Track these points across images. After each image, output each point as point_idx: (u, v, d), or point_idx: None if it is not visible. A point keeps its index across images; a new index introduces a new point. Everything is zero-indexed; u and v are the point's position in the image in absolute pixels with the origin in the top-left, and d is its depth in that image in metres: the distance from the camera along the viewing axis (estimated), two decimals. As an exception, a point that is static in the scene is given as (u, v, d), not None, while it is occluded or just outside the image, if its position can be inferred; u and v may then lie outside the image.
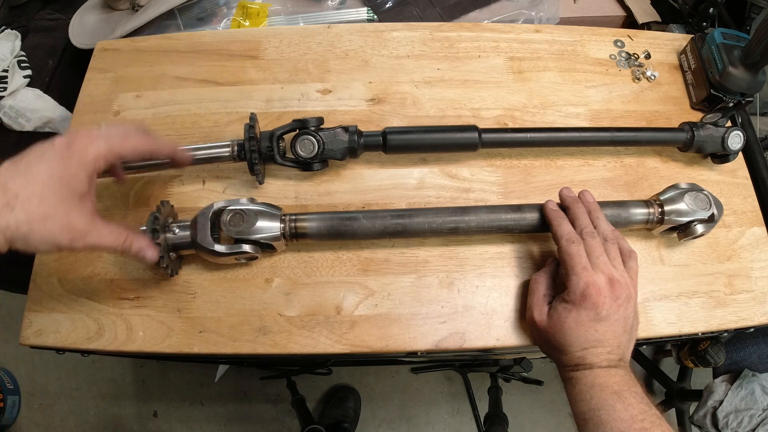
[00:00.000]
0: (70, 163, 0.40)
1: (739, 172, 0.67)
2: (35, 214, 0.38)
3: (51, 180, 0.39)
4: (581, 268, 0.47)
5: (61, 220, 0.39)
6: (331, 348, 0.54)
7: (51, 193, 0.39)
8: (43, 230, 0.39)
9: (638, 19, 0.89)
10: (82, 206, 0.41)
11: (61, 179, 0.39)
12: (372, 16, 0.85)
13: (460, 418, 1.44)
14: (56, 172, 0.39)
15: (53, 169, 0.39)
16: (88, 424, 1.44)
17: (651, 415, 0.42)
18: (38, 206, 0.38)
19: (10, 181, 0.38)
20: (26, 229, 0.38)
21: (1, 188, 0.37)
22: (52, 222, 0.39)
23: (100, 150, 0.41)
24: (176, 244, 0.53)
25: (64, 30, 0.86)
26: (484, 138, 0.60)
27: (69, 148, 0.40)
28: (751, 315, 0.58)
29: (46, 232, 0.39)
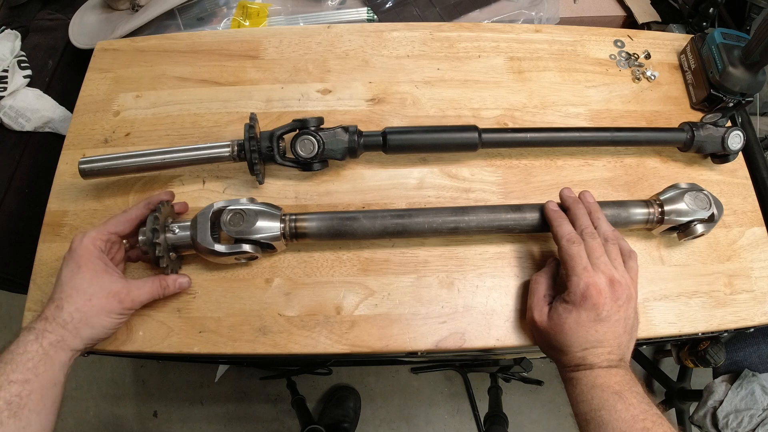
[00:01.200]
0: (79, 256, 0.49)
1: (739, 172, 0.67)
2: (79, 302, 0.47)
3: (75, 274, 0.48)
4: (582, 268, 0.47)
5: (101, 292, 0.48)
6: (331, 348, 0.54)
7: (81, 282, 0.48)
8: (92, 307, 0.47)
9: (638, 19, 0.89)
10: (111, 277, 0.49)
11: (80, 269, 0.48)
12: (372, 16, 0.85)
13: (460, 418, 1.44)
14: (74, 267, 0.48)
15: (71, 267, 0.49)
16: (88, 424, 1.44)
17: (652, 415, 0.42)
18: (78, 295, 0.47)
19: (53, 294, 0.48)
20: (80, 315, 0.47)
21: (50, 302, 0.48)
22: (96, 298, 0.48)
23: (92, 235, 0.50)
24: (176, 244, 0.53)
25: (64, 30, 0.86)
26: (484, 138, 0.60)
27: (71, 249, 0.50)
28: (751, 315, 0.58)
29: (96, 307, 0.47)
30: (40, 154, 0.84)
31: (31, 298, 0.57)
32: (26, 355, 0.43)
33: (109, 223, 0.52)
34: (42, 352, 0.44)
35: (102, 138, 0.66)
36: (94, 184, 0.62)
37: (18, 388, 0.41)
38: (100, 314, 0.47)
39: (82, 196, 0.62)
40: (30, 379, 0.42)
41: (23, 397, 0.42)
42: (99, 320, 0.47)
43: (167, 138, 0.66)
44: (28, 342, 0.44)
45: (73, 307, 0.46)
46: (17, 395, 0.41)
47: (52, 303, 0.47)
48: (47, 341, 0.45)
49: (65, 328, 0.46)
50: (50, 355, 0.44)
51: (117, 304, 0.48)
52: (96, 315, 0.47)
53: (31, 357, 0.43)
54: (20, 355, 0.43)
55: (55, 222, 0.61)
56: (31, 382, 0.42)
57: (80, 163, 0.57)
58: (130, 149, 0.58)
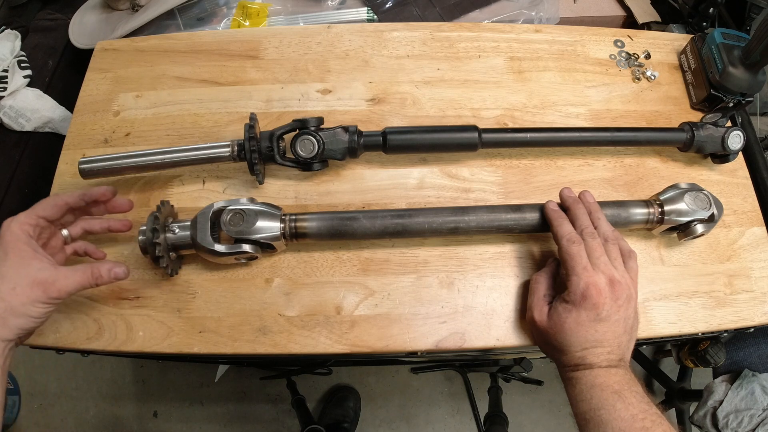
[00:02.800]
0: (6, 242, 0.46)
1: (739, 172, 0.67)
2: (3, 290, 0.44)
3: (2, 262, 0.45)
4: (582, 268, 0.47)
5: (25, 281, 0.45)
6: (331, 348, 0.54)
7: (8, 270, 0.45)
8: (16, 297, 0.45)
9: (638, 19, 0.89)
10: (39, 263, 0.46)
11: (8, 255, 0.46)
12: (372, 16, 0.85)
13: (460, 418, 1.44)
14: (1, 254, 0.46)
15: (2, 257, 0.46)
16: (88, 424, 1.44)
17: (652, 414, 0.42)
18: (3, 284, 0.44)
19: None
20: (4, 305, 0.44)
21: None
22: (20, 287, 0.45)
23: (20, 219, 0.48)
24: (176, 244, 0.53)
25: (64, 30, 0.86)
26: (484, 138, 0.60)
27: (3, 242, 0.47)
28: (751, 315, 0.58)
29: (20, 296, 0.45)
30: (40, 154, 0.84)
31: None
32: None
33: (37, 207, 0.50)
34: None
35: (102, 138, 0.66)
36: (94, 184, 0.62)
37: None
38: (25, 303, 0.45)
39: (82, 196, 0.62)
40: None
41: None
42: (24, 309, 0.45)
43: (167, 138, 0.66)
44: None
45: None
46: None
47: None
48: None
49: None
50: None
51: (41, 294, 0.46)
52: (21, 304, 0.45)
53: None
54: None
55: (55, 222, 0.61)
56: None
57: (80, 163, 0.57)
58: (130, 149, 0.58)
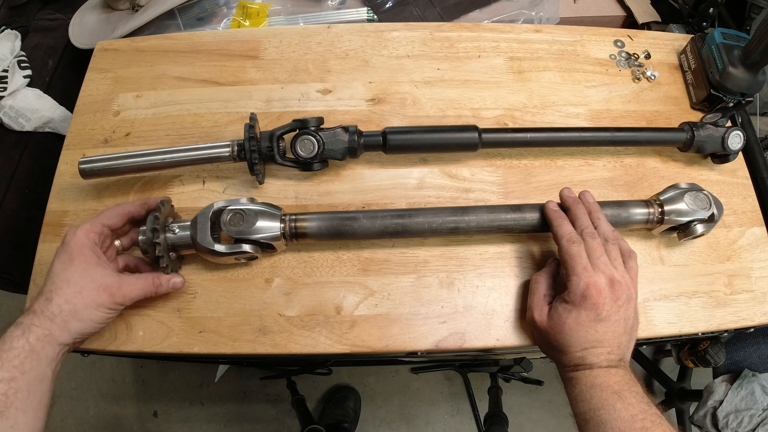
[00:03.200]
0: (71, 248, 0.48)
1: (739, 172, 0.67)
2: (69, 293, 0.46)
3: (67, 266, 0.47)
4: (582, 268, 0.47)
5: (92, 285, 0.47)
6: (331, 348, 0.54)
7: (73, 274, 0.47)
8: (82, 300, 0.46)
9: (638, 19, 0.89)
10: (103, 270, 0.48)
11: (73, 261, 0.47)
12: (372, 16, 0.85)
13: (460, 418, 1.44)
14: (66, 259, 0.48)
15: (63, 260, 0.48)
16: (88, 424, 1.44)
17: (651, 415, 0.42)
18: (69, 287, 0.46)
19: (44, 287, 0.47)
20: (69, 307, 0.46)
21: (40, 295, 0.47)
22: (86, 290, 0.47)
23: (85, 227, 0.49)
24: (176, 244, 0.53)
25: (64, 30, 0.86)
26: (484, 138, 0.60)
27: (65, 242, 0.49)
28: (751, 315, 0.58)
29: (86, 299, 0.46)
30: (40, 154, 0.84)
31: (31, 298, 0.57)
32: (12, 351, 0.42)
33: (102, 216, 0.51)
34: (28, 348, 0.43)
35: (102, 138, 0.66)
36: (94, 184, 0.62)
37: (3, 387, 0.41)
38: (90, 307, 0.46)
39: (82, 196, 0.62)
40: (16, 377, 0.41)
41: (9, 396, 0.41)
42: (88, 313, 0.46)
43: (167, 138, 0.66)
44: (15, 338, 0.43)
45: (62, 299, 0.45)
46: (3, 393, 0.40)
47: (41, 296, 0.46)
48: (34, 336, 0.43)
49: (53, 321, 0.45)
50: (37, 350, 0.43)
51: (107, 298, 0.47)
52: (86, 307, 0.46)
53: (17, 354, 0.42)
54: (6, 351, 0.42)
55: (55, 222, 0.61)
56: (17, 380, 0.41)
57: (80, 163, 0.57)
58: (130, 149, 0.58)
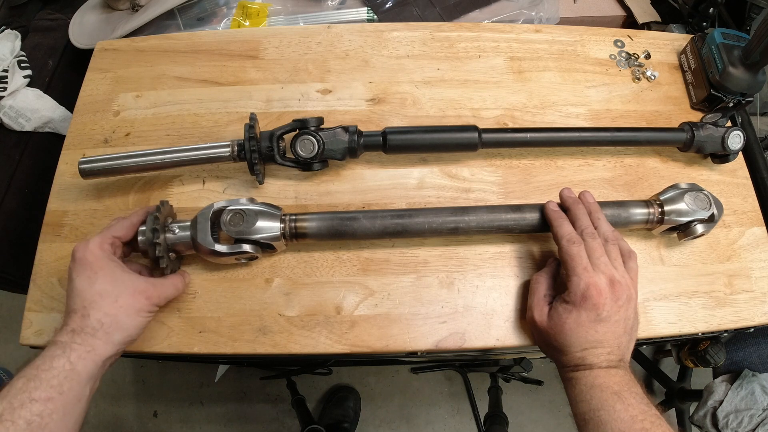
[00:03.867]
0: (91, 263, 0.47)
1: (739, 172, 0.67)
2: (106, 305, 0.45)
3: (93, 281, 0.46)
4: (582, 268, 0.47)
5: (126, 292, 0.47)
6: (331, 348, 0.54)
7: (103, 285, 0.46)
8: (120, 308, 0.46)
9: (638, 19, 0.89)
10: (132, 276, 0.48)
11: (97, 274, 0.46)
12: (372, 16, 0.85)
13: (460, 418, 1.44)
14: (89, 273, 0.46)
15: (86, 275, 0.46)
16: (88, 424, 1.44)
17: (651, 416, 0.42)
18: (104, 299, 0.45)
19: (72, 305, 0.46)
20: (109, 319, 0.45)
21: (72, 313, 0.45)
22: (123, 297, 0.46)
23: (97, 241, 0.48)
24: (176, 244, 0.53)
25: (64, 30, 0.86)
26: (484, 138, 0.60)
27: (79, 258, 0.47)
28: (751, 315, 0.58)
29: (124, 307, 0.46)
30: (40, 154, 0.84)
31: (31, 298, 0.57)
32: (51, 371, 0.41)
33: (112, 228, 0.51)
34: (69, 368, 0.42)
35: (102, 138, 0.66)
36: (94, 184, 0.62)
37: (40, 407, 0.39)
38: (131, 314, 0.46)
39: (82, 196, 0.62)
40: (53, 398, 0.40)
41: (44, 417, 0.39)
42: (130, 321, 0.46)
43: (167, 138, 0.66)
44: (55, 357, 0.42)
45: (101, 313, 0.45)
46: (38, 415, 0.39)
47: (74, 314, 0.45)
48: (75, 354, 0.42)
49: (95, 336, 0.44)
50: (78, 369, 0.42)
51: (145, 301, 0.47)
52: (127, 316, 0.46)
53: (56, 374, 0.41)
54: (45, 371, 0.41)
55: (55, 222, 0.61)
56: (54, 401, 0.40)
57: (80, 163, 0.57)
58: (130, 149, 0.58)
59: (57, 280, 0.57)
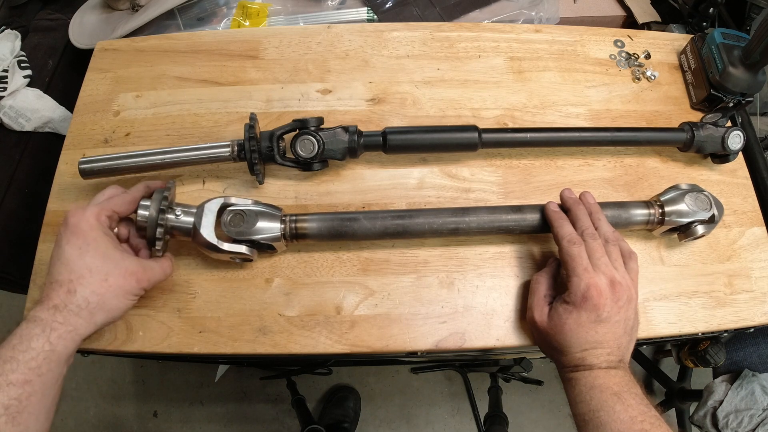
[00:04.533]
0: (85, 232, 0.44)
1: (739, 172, 0.67)
2: (95, 283, 0.42)
3: (84, 252, 0.43)
4: (582, 269, 0.47)
5: (117, 271, 0.44)
6: (331, 348, 0.54)
7: (93, 260, 0.43)
8: (109, 288, 0.43)
9: (638, 19, 0.89)
10: (123, 254, 0.46)
11: (89, 246, 0.43)
12: (372, 16, 0.85)
13: (460, 418, 1.44)
14: (81, 244, 0.43)
15: (77, 245, 0.43)
16: (88, 424, 1.44)
17: (650, 416, 0.42)
18: (93, 275, 0.42)
19: (57, 275, 0.43)
20: (97, 298, 0.42)
21: (56, 284, 0.42)
22: (113, 276, 0.43)
23: (94, 210, 0.45)
24: (176, 228, 0.51)
25: (64, 30, 0.86)
26: (484, 138, 0.60)
27: (71, 224, 0.44)
28: (751, 315, 0.58)
29: (113, 287, 0.43)
30: (40, 154, 0.84)
31: (31, 298, 0.57)
32: (30, 353, 0.39)
33: (112, 201, 0.47)
34: (48, 348, 0.39)
35: (102, 138, 0.66)
36: (94, 184, 0.62)
37: (17, 391, 0.37)
38: (118, 296, 0.43)
39: (82, 196, 0.62)
40: (32, 380, 0.38)
41: (23, 401, 0.38)
42: (116, 302, 0.43)
43: (167, 138, 0.66)
44: (33, 337, 0.39)
45: (88, 290, 0.42)
46: (16, 398, 0.37)
47: (59, 287, 0.42)
48: (56, 334, 0.40)
49: (79, 316, 0.41)
50: (58, 350, 0.40)
51: (135, 284, 0.45)
52: (114, 296, 0.43)
53: (34, 355, 0.39)
54: (23, 353, 0.39)
55: (55, 222, 0.61)
56: (32, 383, 0.38)
57: (80, 163, 0.57)
58: (130, 149, 0.58)
59: (57, 280, 0.57)
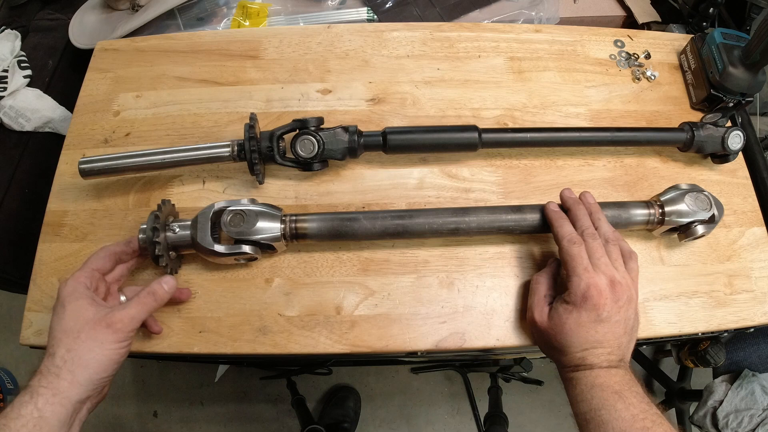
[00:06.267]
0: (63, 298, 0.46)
1: (739, 172, 0.67)
2: (68, 341, 0.44)
3: (61, 317, 0.45)
4: (582, 269, 0.47)
5: (87, 326, 0.45)
6: (331, 348, 0.54)
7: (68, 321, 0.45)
8: (82, 343, 0.44)
9: (638, 19, 0.89)
10: (96, 308, 0.46)
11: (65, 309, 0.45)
12: (372, 16, 0.85)
13: (460, 418, 1.44)
14: (60, 310, 0.46)
15: (58, 312, 0.46)
16: (89, 424, 1.41)
17: (652, 414, 0.42)
18: (67, 335, 0.44)
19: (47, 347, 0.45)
20: (71, 355, 0.43)
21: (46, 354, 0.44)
22: (84, 331, 0.44)
23: (75, 275, 0.48)
24: (176, 244, 0.53)
25: (64, 30, 0.86)
26: (484, 138, 0.60)
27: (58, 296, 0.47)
28: (751, 315, 0.58)
29: (86, 341, 0.44)
30: (40, 154, 0.84)
31: (31, 298, 0.57)
32: (20, 420, 0.39)
33: (90, 261, 0.50)
34: (37, 415, 0.40)
35: (102, 138, 0.66)
36: (94, 184, 0.62)
37: None
38: (93, 348, 0.44)
39: (82, 196, 0.62)
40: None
41: None
42: (93, 355, 0.43)
43: (167, 138, 0.66)
44: (23, 404, 0.40)
45: (63, 350, 0.43)
46: None
47: (46, 355, 0.44)
48: (42, 400, 0.40)
49: (59, 377, 0.42)
50: (46, 416, 0.40)
51: (106, 330, 0.45)
52: (89, 350, 0.43)
53: (24, 423, 0.39)
54: (14, 420, 0.39)
55: (55, 222, 0.61)
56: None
57: (80, 163, 0.57)
58: (130, 149, 0.58)
59: (57, 280, 0.57)
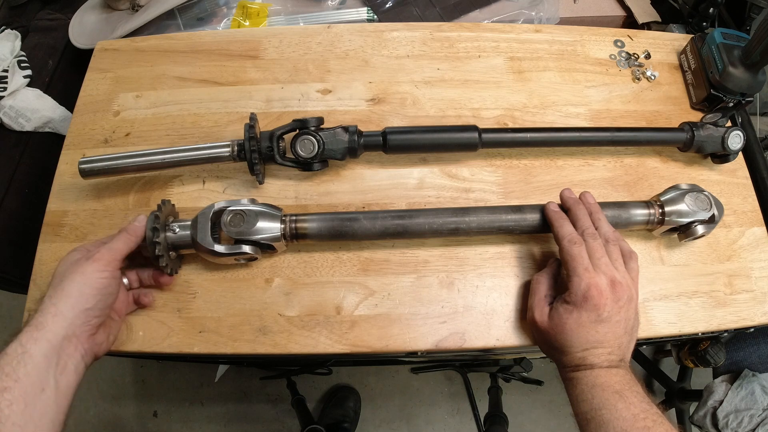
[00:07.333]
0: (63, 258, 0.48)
1: (739, 172, 0.67)
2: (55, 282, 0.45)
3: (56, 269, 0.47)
4: (583, 269, 0.47)
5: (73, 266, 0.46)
6: (331, 348, 0.54)
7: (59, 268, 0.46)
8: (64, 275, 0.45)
9: (638, 19, 0.89)
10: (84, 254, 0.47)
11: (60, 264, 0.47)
12: (372, 16, 0.85)
13: (460, 418, 1.44)
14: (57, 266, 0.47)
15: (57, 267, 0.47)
16: (88, 424, 1.44)
17: (653, 414, 0.42)
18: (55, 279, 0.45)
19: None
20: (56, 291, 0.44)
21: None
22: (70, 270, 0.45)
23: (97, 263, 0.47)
24: (176, 244, 0.53)
25: (64, 30, 0.86)
26: (484, 138, 0.60)
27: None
28: (751, 315, 0.58)
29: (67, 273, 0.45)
30: (40, 154, 0.84)
31: (31, 298, 0.57)
32: (4, 358, 0.39)
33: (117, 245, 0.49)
34: (21, 350, 0.39)
35: (102, 138, 0.66)
36: (94, 184, 0.62)
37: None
38: (75, 279, 0.44)
39: (82, 196, 0.62)
40: (9, 387, 0.37)
41: (3, 409, 0.36)
42: (73, 285, 0.43)
43: (167, 138, 0.66)
44: (9, 344, 0.40)
45: (51, 290, 0.44)
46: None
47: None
48: (26, 336, 0.40)
49: (43, 312, 0.42)
50: (30, 352, 0.39)
51: (86, 261, 0.45)
52: (70, 282, 0.43)
53: (9, 360, 0.39)
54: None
55: (55, 222, 0.61)
56: (10, 390, 0.37)
57: (80, 163, 0.57)
58: (130, 149, 0.58)
59: (57, 280, 0.57)
